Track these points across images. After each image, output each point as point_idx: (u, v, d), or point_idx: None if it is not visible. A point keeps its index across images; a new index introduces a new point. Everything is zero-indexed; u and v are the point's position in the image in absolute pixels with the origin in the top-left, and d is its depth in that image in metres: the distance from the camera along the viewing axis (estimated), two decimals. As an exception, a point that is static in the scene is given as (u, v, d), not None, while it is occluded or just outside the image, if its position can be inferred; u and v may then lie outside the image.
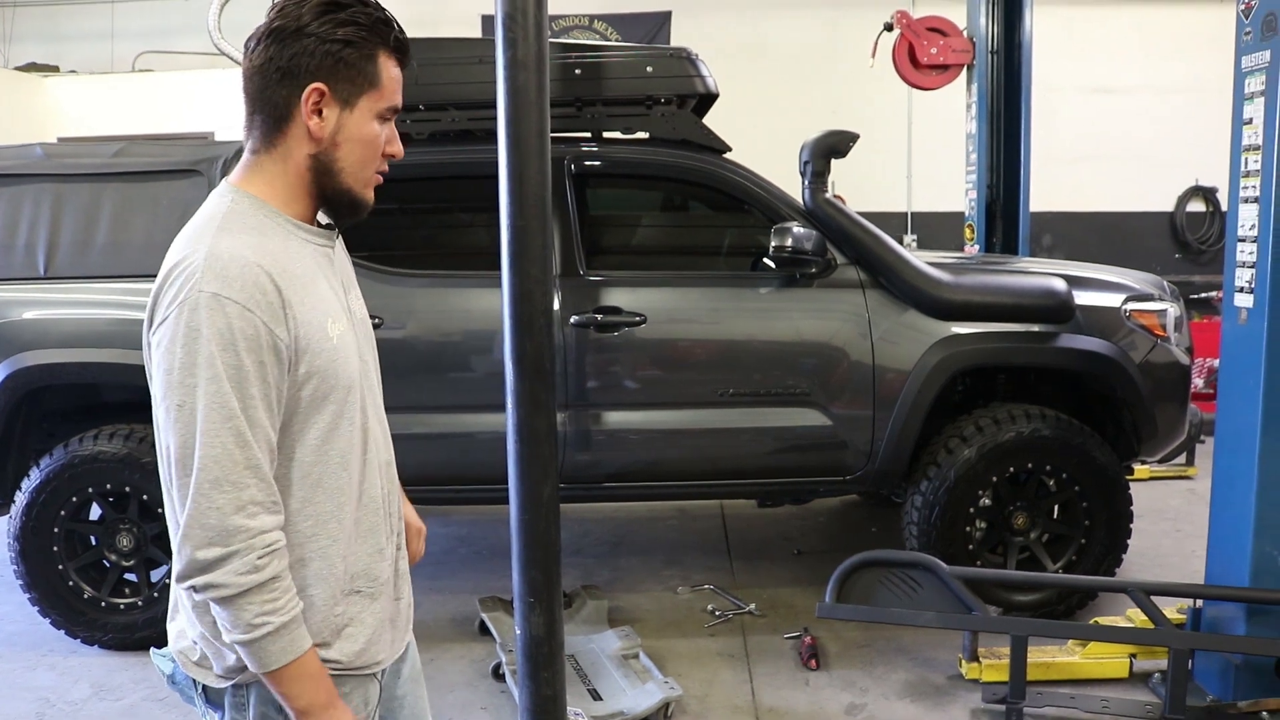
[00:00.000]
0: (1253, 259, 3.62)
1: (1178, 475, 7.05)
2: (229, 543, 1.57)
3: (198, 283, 1.58)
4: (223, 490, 1.57)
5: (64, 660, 4.49)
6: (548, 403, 3.26)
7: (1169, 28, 11.37)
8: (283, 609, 1.62)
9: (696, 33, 11.05)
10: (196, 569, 1.58)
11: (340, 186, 1.75)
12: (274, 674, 1.64)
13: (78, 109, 10.52)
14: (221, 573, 1.58)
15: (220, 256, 1.60)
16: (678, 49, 4.67)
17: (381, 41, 1.72)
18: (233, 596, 1.58)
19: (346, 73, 1.69)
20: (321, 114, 1.69)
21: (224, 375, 1.56)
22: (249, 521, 1.59)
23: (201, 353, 1.56)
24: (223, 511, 1.57)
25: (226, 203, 1.70)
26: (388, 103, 1.75)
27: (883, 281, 4.50)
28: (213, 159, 4.50)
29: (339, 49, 1.67)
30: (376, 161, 1.78)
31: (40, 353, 4.35)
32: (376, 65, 1.72)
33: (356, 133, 1.72)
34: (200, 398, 1.56)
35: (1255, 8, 3.58)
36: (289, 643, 1.63)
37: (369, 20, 1.70)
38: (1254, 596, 3.71)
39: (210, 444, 1.56)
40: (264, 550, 1.60)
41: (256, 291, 1.59)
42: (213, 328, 1.56)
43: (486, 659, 4.39)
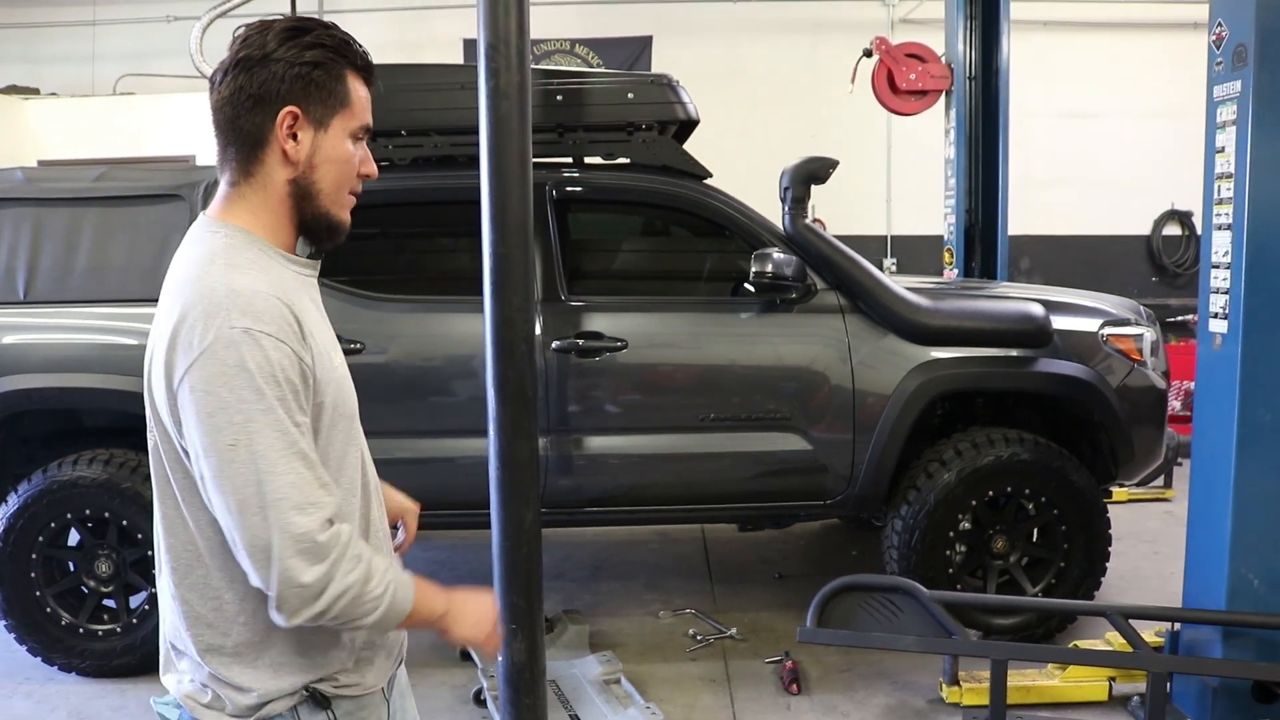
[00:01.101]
0: (1226, 285, 3.67)
1: (1155, 497, 7.10)
2: (327, 554, 1.58)
3: (227, 320, 1.55)
4: (306, 513, 1.56)
5: (41, 688, 4.45)
6: (529, 429, 3.27)
7: (1144, 54, 11.50)
8: (383, 567, 1.66)
9: (677, 57, 11.12)
10: (312, 594, 1.58)
11: (319, 210, 1.74)
12: (412, 614, 1.70)
13: (58, 132, 10.47)
14: (337, 583, 1.58)
15: (242, 293, 1.58)
16: (659, 75, 4.70)
17: (348, 62, 1.72)
18: (359, 591, 1.61)
19: (318, 94, 1.69)
20: (297, 137, 1.69)
21: (277, 406, 1.56)
22: (334, 530, 1.60)
23: (251, 387, 1.54)
24: (311, 533, 1.57)
25: (221, 239, 1.68)
26: (359, 121, 1.75)
27: (862, 306, 4.53)
28: (194, 184, 4.50)
29: (309, 71, 1.67)
30: (352, 181, 1.77)
31: (19, 377, 4.33)
32: (346, 85, 1.72)
33: (332, 153, 1.72)
34: (257, 432, 1.54)
35: (1226, 39, 3.64)
36: (401, 583, 1.68)
37: (334, 42, 1.70)
38: (1230, 620, 3.74)
39: (282, 473, 1.55)
40: (350, 541, 1.62)
41: (284, 323, 1.59)
42: (255, 362, 1.54)
43: (468, 685, 4.37)
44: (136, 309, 4.35)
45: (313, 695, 1.73)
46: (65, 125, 10.52)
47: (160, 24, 11.66)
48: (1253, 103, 3.53)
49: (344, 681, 1.75)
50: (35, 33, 11.85)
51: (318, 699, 1.73)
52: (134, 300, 4.36)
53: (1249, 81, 3.54)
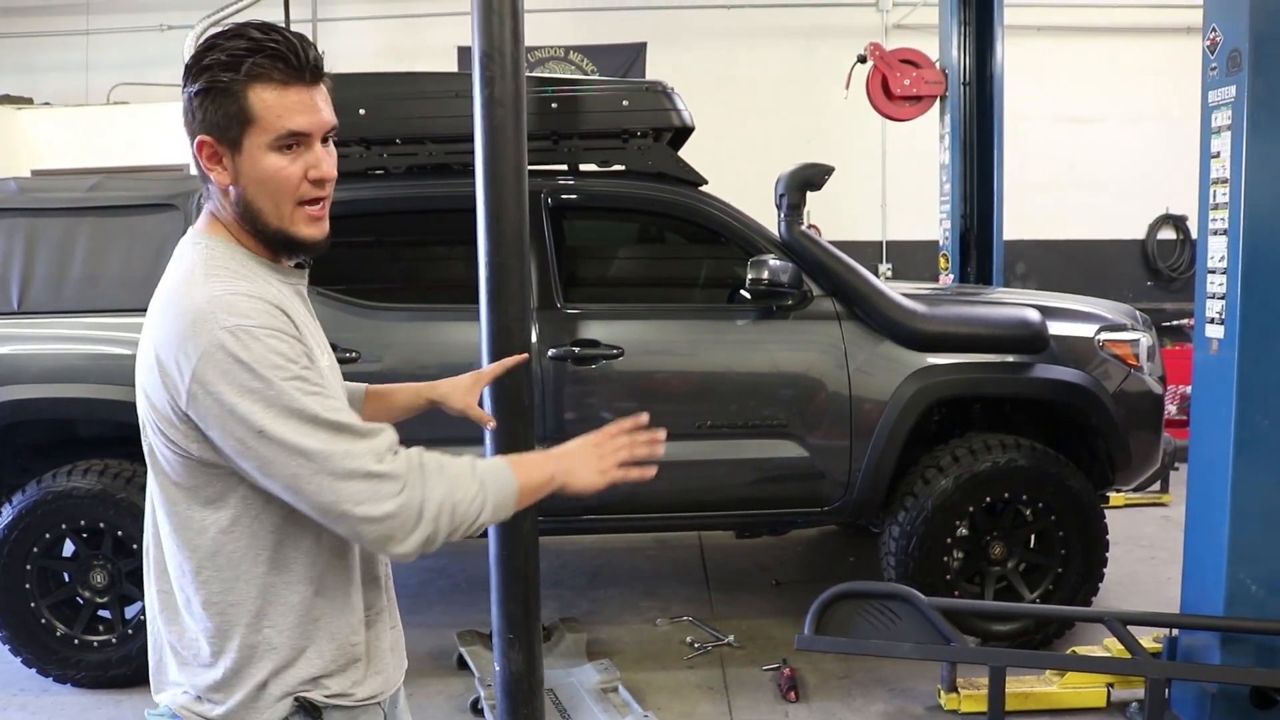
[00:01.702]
0: (1223, 290, 3.67)
1: (1152, 502, 7.09)
2: (394, 481, 1.58)
3: (214, 323, 1.55)
4: (351, 459, 1.56)
5: (35, 700, 4.43)
6: (525, 438, 3.27)
7: (1138, 58, 11.52)
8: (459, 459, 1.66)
9: (671, 64, 11.11)
10: (402, 522, 1.58)
11: (268, 228, 1.70)
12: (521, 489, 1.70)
13: (52, 141, 10.44)
14: (421, 502, 1.59)
15: (222, 298, 1.58)
16: (654, 82, 4.70)
17: (249, 76, 1.62)
18: (451, 504, 1.61)
19: (216, 118, 1.64)
20: (221, 163, 1.67)
21: (286, 388, 1.55)
22: (391, 459, 1.60)
23: (253, 379, 1.54)
24: (365, 471, 1.56)
25: (202, 250, 1.69)
26: (274, 133, 1.64)
27: (859, 313, 4.52)
28: (189, 193, 4.48)
29: (201, 101, 1.64)
30: (294, 193, 1.68)
31: (14, 388, 4.32)
32: (244, 101, 1.62)
33: (253, 172, 1.66)
34: (274, 419, 1.54)
35: (1221, 44, 3.65)
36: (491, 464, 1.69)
37: (229, 57, 1.62)
38: (1229, 625, 3.74)
39: (314, 443, 1.55)
40: (411, 453, 1.62)
41: (271, 318, 1.58)
42: (250, 355, 1.54)
43: (465, 694, 4.35)
44: (131, 319, 4.33)
45: (303, 706, 1.72)
46: (59, 135, 10.49)
47: (154, 33, 11.65)
48: (1248, 107, 3.53)
49: (334, 689, 1.73)
50: (29, 42, 11.83)
51: (308, 709, 1.72)
52: (129, 310, 4.34)
53: (1244, 86, 3.54)
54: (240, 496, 1.64)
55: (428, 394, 2.25)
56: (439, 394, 2.25)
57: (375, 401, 2.23)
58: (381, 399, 2.24)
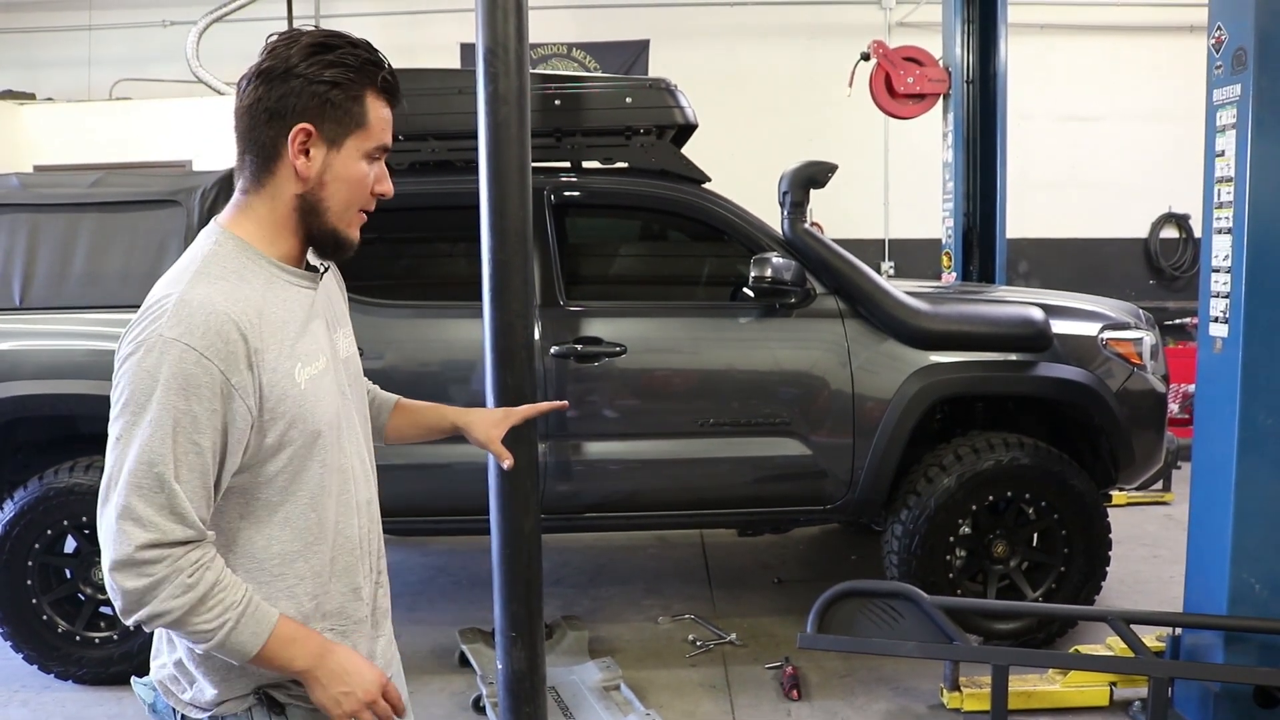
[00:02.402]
0: (1227, 289, 3.66)
1: (1154, 501, 7.09)
2: (155, 571, 1.57)
3: (161, 326, 1.58)
4: (143, 527, 1.56)
5: (37, 696, 4.42)
6: (528, 436, 3.26)
7: (1141, 56, 11.52)
8: (235, 603, 1.62)
9: (674, 62, 11.12)
10: (133, 602, 1.58)
11: (326, 226, 1.75)
12: (260, 656, 1.64)
13: (54, 137, 10.43)
14: (158, 600, 1.57)
15: (189, 303, 1.60)
16: (657, 79, 4.69)
17: (369, 82, 1.71)
18: (182, 617, 1.58)
19: (333, 113, 1.69)
20: (309, 154, 1.69)
21: (169, 420, 1.56)
22: (165, 553, 1.58)
23: (152, 394, 1.56)
24: (140, 546, 1.56)
25: (211, 244, 1.71)
26: (375, 142, 1.74)
27: (862, 311, 4.51)
28: (191, 189, 4.48)
29: (325, 90, 1.67)
30: (363, 201, 1.78)
31: (15, 384, 4.31)
32: (364, 106, 1.71)
33: (343, 172, 1.72)
34: (137, 438, 1.56)
35: (1225, 42, 3.64)
36: (256, 624, 1.63)
37: (357, 61, 1.69)
38: (1232, 624, 3.73)
39: (136, 485, 1.56)
40: (192, 568, 1.59)
41: (218, 340, 1.59)
42: (167, 372, 1.56)
43: (467, 691, 4.35)
44: (133, 315, 4.31)
45: (265, 700, 1.74)
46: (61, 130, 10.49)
47: (156, 29, 11.66)
48: (1253, 106, 3.52)
49: (296, 691, 1.74)
50: (31, 38, 11.83)
51: (270, 703, 1.74)
52: (131, 306, 4.31)
53: (1249, 85, 3.53)
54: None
55: (453, 418, 2.25)
56: (465, 421, 2.24)
57: (401, 415, 2.23)
58: (407, 414, 2.24)
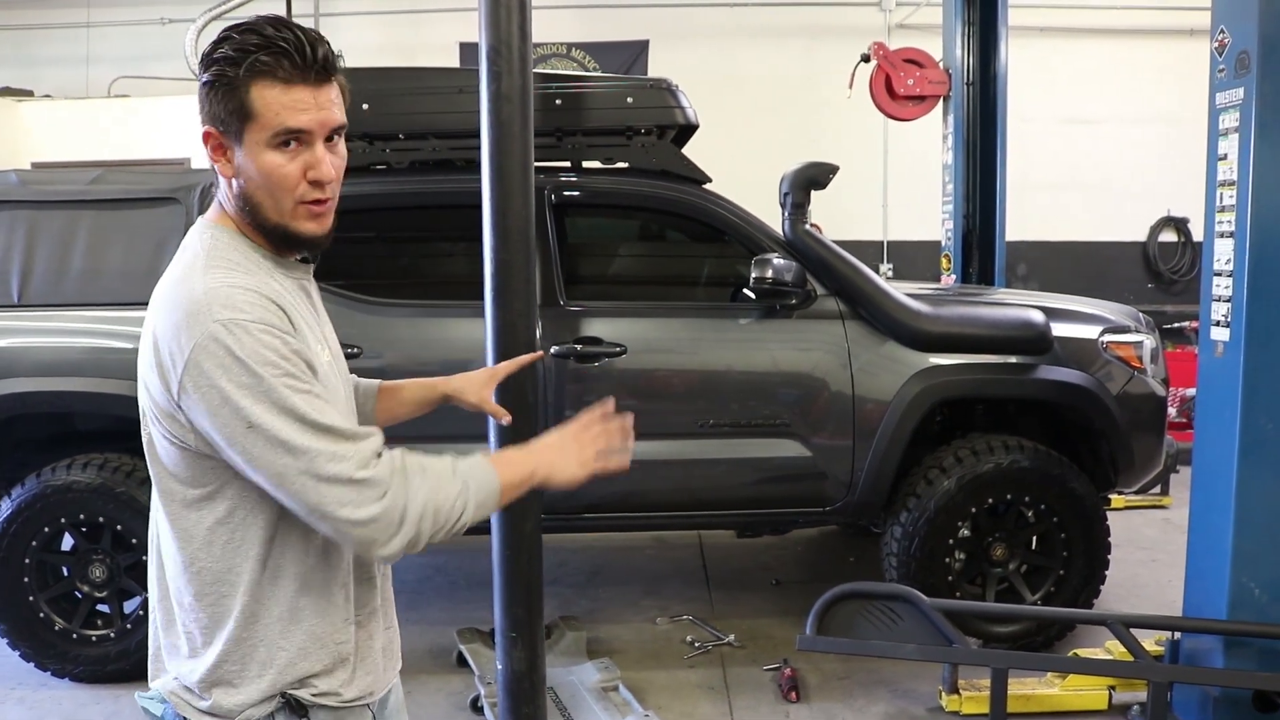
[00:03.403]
0: (1229, 293, 3.65)
1: (1153, 505, 7.08)
2: (377, 487, 1.59)
3: (209, 316, 1.56)
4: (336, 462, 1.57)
5: (34, 694, 4.41)
6: (529, 436, 3.22)
7: (1141, 60, 11.52)
8: (450, 467, 1.67)
9: (674, 62, 11.09)
10: (384, 526, 1.60)
11: (267, 222, 1.70)
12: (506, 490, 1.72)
13: (53, 134, 10.42)
14: (404, 506, 1.60)
15: (218, 289, 1.59)
16: (658, 79, 4.68)
17: (253, 72, 1.62)
18: (435, 507, 1.63)
19: (219, 111, 1.65)
20: (226, 155, 1.68)
21: (277, 385, 1.56)
22: (370, 472, 1.59)
23: (245, 374, 1.55)
24: (348, 478, 1.57)
25: (207, 240, 1.70)
26: (271, 130, 1.64)
27: (862, 313, 4.51)
28: (190, 186, 4.47)
29: (207, 92, 1.65)
30: (293, 191, 1.68)
31: (13, 381, 4.30)
32: (244, 97, 1.63)
33: (251, 167, 1.66)
34: (263, 414, 1.55)
35: (1229, 45, 3.63)
36: (479, 475, 1.69)
37: (236, 52, 1.62)
38: (1231, 629, 3.73)
39: (301, 442, 1.56)
40: (399, 466, 1.62)
41: (265, 312, 1.59)
42: (243, 349, 1.55)
43: (465, 691, 4.34)
44: (131, 312, 4.31)
45: (289, 703, 1.72)
46: (60, 128, 10.48)
47: (155, 26, 11.63)
48: (1256, 110, 3.52)
49: (322, 688, 1.74)
50: (30, 35, 11.81)
51: (294, 706, 1.72)
52: (129, 304, 4.33)
53: (1252, 88, 3.52)
54: (235, 490, 1.65)
55: (442, 388, 2.25)
56: (453, 388, 2.25)
57: (388, 397, 2.23)
58: (394, 394, 2.24)
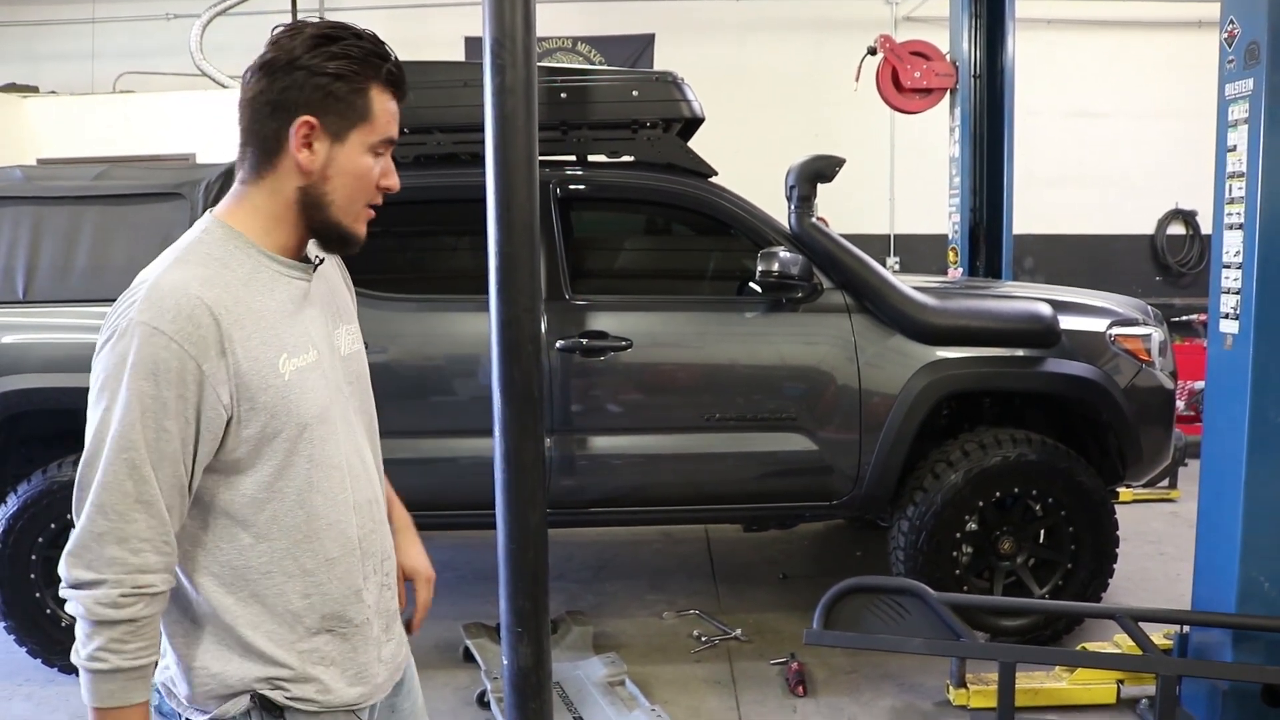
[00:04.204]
0: (1238, 285, 3.63)
1: (1160, 498, 7.06)
2: (101, 571, 1.55)
3: (132, 311, 1.57)
4: (107, 518, 1.55)
5: (41, 690, 4.41)
6: (535, 430, 3.24)
7: (1149, 52, 11.47)
8: (128, 654, 1.57)
9: (679, 56, 11.08)
10: (69, 582, 1.57)
11: (329, 220, 1.72)
12: (96, 712, 1.60)
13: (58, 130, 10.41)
14: (85, 594, 1.55)
15: (161, 287, 1.59)
16: (664, 73, 4.67)
17: (374, 75, 1.69)
18: (87, 621, 1.56)
19: (336, 106, 1.66)
20: (312, 147, 1.67)
21: (137, 405, 1.55)
22: (130, 557, 1.55)
23: (121, 379, 1.55)
24: (103, 539, 1.55)
25: (197, 233, 1.70)
26: (380, 136, 1.72)
27: (869, 306, 4.49)
28: (195, 182, 4.46)
29: (329, 82, 1.65)
30: (369, 195, 1.75)
31: (18, 378, 4.30)
32: (368, 99, 1.69)
33: (347, 166, 1.70)
34: (110, 421, 1.55)
35: (1238, 36, 3.61)
36: (119, 689, 1.58)
37: (361, 53, 1.67)
38: (1241, 623, 3.71)
39: (106, 470, 1.55)
40: (132, 589, 1.56)
41: (189, 325, 1.57)
42: (138, 356, 1.55)
43: (471, 686, 4.34)
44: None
45: (262, 703, 1.70)
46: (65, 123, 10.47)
47: (160, 21, 11.63)
48: (1265, 101, 3.49)
49: (295, 693, 1.72)
50: (34, 31, 11.82)
51: (267, 706, 1.70)
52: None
53: (1261, 80, 3.50)
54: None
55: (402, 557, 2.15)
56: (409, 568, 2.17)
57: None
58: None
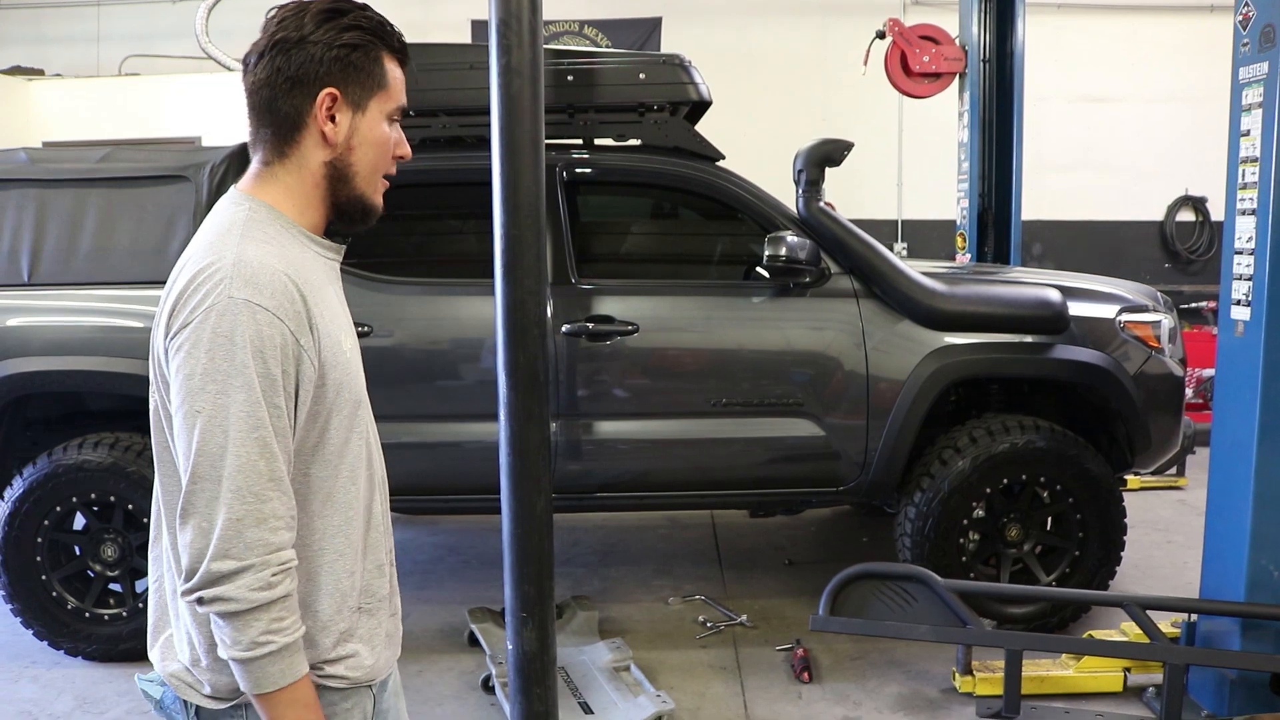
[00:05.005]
0: (1250, 271, 3.60)
1: (1168, 486, 7.04)
2: (245, 556, 1.53)
3: (228, 288, 1.54)
4: (245, 501, 1.53)
5: (47, 672, 4.42)
6: (541, 415, 3.22)
7: (1159, 37, 11.40)
8: (287, 629, 1.58)
9: (687, 39, 11.04)
10: (208, 580, 1.53)
11: (355, 192, 1.75)
12: (268, 697, 1.59)
13: (63, 113, 10.42)
14: (234, 586, 1.53)
15: (249, 263, 1.57)
16: (671, 55, 4.63)
17: (385, 44, 1.72)
18: (241, 612, 1.54)
19: (356, 76, 1.69)
20: (335, 119, 1.69)
21: (255, 383, 1.53)
22: (269, 536, 1.55)
23: (233, 359, 1.53)
24: (243, 524, 1.53)
25: (245, 211, 1.67)
26: (395, 103, 1.76)
27: (877, 291, 4.46)
28: (200, 165, 4.44)
29: (347, 53, 1.67)
30: (387, 164, 1.78)
31: (23, 360, 4.29)
32: (383, 67, 1.72)
33: (370, 135, 1.73)
34: (229, 405, 1.53)
35: (1253, 19, 3.57)
36: (288, 665, 1.58)
37: (370, 24, 1.70)
38: (1249, 611, 3.69)
39: (236, 453, 1.53)
40: (279, 567, 1.56)
41: (285, 300, 1.57)
42: (245, 334, 1.53)
43: (476, 671, 4.34)
44: (141, 291, 4.30)
45: None
46: (70, 106, 10.47)
47: (165, 4, 11.61)
48: (1280, 85, 3.46)
49: (328, 671, 1.72)
50: (40, 13, 11.80)
51: None
52: (139, 283, 4.32)
53: (1276, 63, 3.46)
54: None
55: None
56: None
57: None
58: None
